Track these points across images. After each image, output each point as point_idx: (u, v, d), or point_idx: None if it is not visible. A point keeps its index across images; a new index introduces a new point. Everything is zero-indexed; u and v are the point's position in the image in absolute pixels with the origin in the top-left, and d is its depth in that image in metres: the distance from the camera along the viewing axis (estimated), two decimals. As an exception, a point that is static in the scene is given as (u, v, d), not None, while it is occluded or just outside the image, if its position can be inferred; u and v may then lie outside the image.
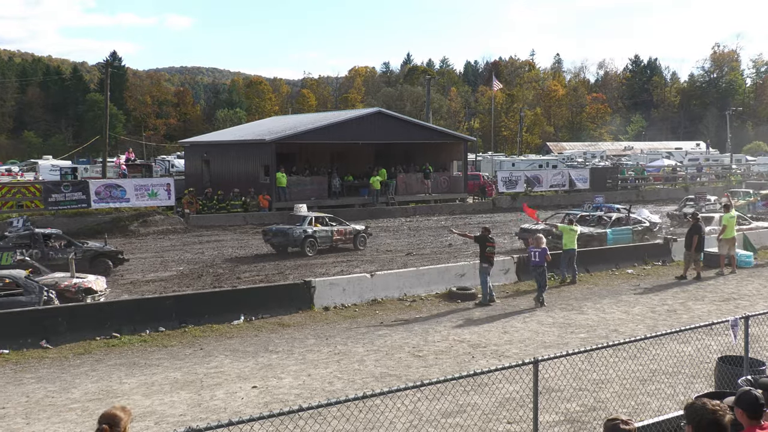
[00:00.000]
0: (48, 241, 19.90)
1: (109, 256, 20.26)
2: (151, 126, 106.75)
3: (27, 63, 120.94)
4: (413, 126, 40.64)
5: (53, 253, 19.57)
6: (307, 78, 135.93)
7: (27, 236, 19.90)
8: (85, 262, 19.52)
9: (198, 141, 46.02)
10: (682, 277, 18.51)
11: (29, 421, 8.95)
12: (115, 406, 4.53)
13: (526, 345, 12.35)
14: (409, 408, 8.36)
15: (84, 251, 19.84)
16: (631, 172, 51.37)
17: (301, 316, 14.59)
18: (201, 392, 9.99)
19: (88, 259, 19.76)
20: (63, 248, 19.75)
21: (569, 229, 18.48)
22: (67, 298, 14.51)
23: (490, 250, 16.02)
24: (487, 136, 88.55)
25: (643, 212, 27.35)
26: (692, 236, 18.57)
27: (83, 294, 14.97)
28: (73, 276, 15.64)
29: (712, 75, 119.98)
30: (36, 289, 13.59)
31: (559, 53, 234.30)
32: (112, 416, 4.38)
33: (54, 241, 20.04)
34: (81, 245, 20.19)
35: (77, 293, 14.92)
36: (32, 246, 19.49)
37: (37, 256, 19.02)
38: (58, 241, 20.17)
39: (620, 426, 4.05)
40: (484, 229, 16.76)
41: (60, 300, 14.22)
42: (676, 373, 9.93)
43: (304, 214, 24.97)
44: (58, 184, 30.58)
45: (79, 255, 19.37)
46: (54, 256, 19.40)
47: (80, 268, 18.83)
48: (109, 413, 4.42)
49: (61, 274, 16.05)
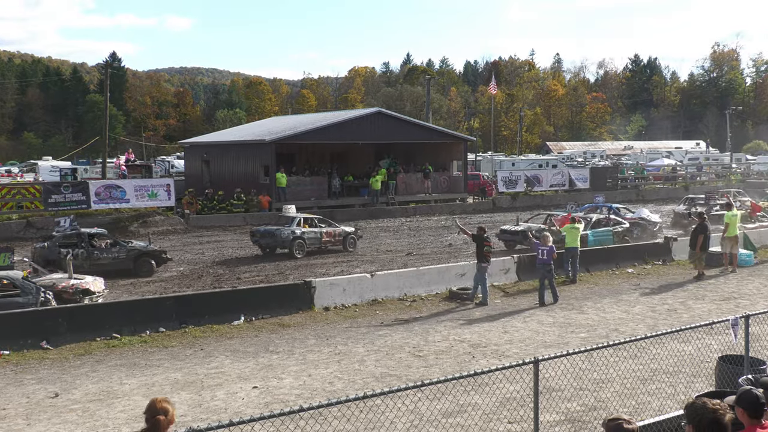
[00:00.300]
0: (93, 240, 20.14)
1: (152, 255, 20.35)
2: (151, 127, 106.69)
3: (27, 64, 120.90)
4: (413, 126, 40.63)
5: (98, 252, 19.82)
6: (307, 78, 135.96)
7: (73, 236, 20.28)
8: (128, 262, 19.90)
9: (198, 141, 46.01)
10: (699, 276, 18.42)
11: (30, 422, 8.95)
12: (159, 398, 4.69)
13: (527, 345, 12.35)
14: (410, 408, 8.36)
15: (128, 251, 20.02)
16: (630, 171, 51.37)
17: (302, 317, 14.59)
18: (201, 393, 9.99)
19: (132, 259, 19.97)
20: (108, 248, 20.00)
21: (572, 227, 18.53)
22: (65, 299, 14.51)
23: (488, 250, 16.07)
24: (486, 136, 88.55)
25: (643, 211, 27.35)
26: (698, 235, 18.52)
27: (81, 295, 14.97)
28: (71, 277, 15.62)
29: (711, 74, 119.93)
30: (33, 290, 13.57)
31: (558, 53, 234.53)
32: (164, 408, 4.56)
33: (99, 241, 20.28)
34: (125, 245, 20.34)
35: (75, 294, 14.92)
36: (78, 245, 19.76)
37: (83, 256, 19.40)
38: (103, 240, 20.40)
39: (623, 426, 4.03)
40: (479, 229, 16.81)
41: (58, 301, 14.22)
42: (676, 372, 9.93)
43: (293, 215, 24.59)
44: (58, 185, 30.56)
45: (122, 255, 19.82)
46: (98, 256, 19.73)
47: (123, 267, 19.68)
48: (159, 405, 4.58)
49: (59, 275, 16.05)
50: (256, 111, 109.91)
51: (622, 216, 26.84)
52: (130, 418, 9.00)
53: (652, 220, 26.26)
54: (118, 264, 19.91)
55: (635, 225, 26.00)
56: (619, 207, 28.13)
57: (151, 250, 20.48)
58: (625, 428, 4.02)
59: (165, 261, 20.66)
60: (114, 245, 20.11)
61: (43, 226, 27.97)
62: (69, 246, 19.65)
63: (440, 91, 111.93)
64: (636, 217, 26.53)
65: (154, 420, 4.53)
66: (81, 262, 19.38)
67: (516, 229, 23.82)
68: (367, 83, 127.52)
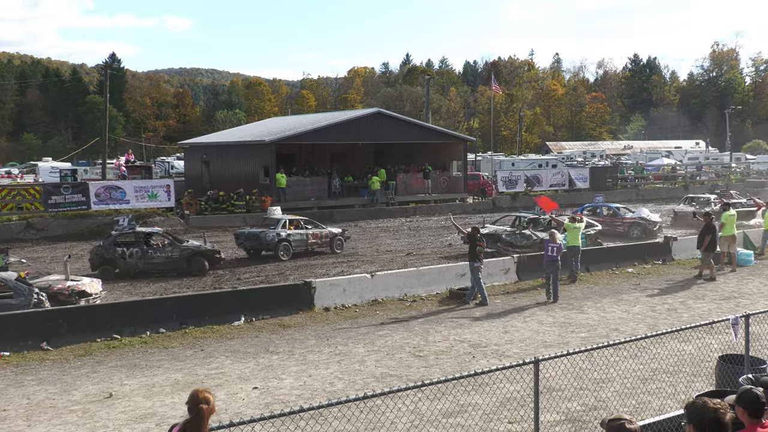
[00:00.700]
0: (150, 239, 20.28)
1: (206, 255, 20.39)
2: (151, 127, 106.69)
3: (26, 65, 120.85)
4: (413, 126, 40.62)
5: (151, 252, 19.94)
6: (307, 79, 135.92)
7: (130, 235, 20.48)
8: (181, 261, 20.00)
9: (197, 142, 46.01)
10: (701, 275, 18.41)
11: (30, 423, 8.95)
12: (200, 389, 4.88)
13: (527, 344, 12.35)
14: (410, 408, 8.36)
15: (181, 250, 20.09)
16: (630, 171, 51.37)
17: (302, 317, 14.59)
18: (202, 393, 9.98)
19: (185, 258, 20.06)
20: (161, 247, 20.11)
21: (573, 226, 18.59)
22: (60, 301, 14.47)
23: (480, 249, 16.07)
24: (486, 136, 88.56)
25: (642, 211, 27.39)
26: (704, 236, 18.42)
27: (77, 297, 14.90)
28: (68, 278, 15.56)
29: (711, 74, 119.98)
30: (26, 292, 13.53)
31: (558, 53, 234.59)
32: (206, 397, 4.76)
33: (155, 240, 20.38)
34: (180, 244, 20.38)
35: (70, 296, 14.84)
36: (134, 245, 19.95)
37: (137, 255, 19.72)
38: (159, 240, 20.49)
39: (626, 426, 4.00)
40: (473, 229, 16.86)
41: (54, 302, 14.18)
42: (676, 371, 9.93)
43: (278, 217, 24.18)
44: (58, 186, 30.57)
45: (175, 254, 19.91)
46: (152, 255, 19.89)
47: (177, 267, 19.87)
48: (201, 395, 4.77)
49: (55, 277, 15.99)
50: (256, 111, 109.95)
51: (622, 215, 26.90)
52: (131, 419, 9.00)
53: (651, 219, 26.33)
54: (171, 263, 20.04)
55: (635, 225, 26.05)
56: (619, 206, 28.17)
57: (204, 249, 20.49)
58: (627, 428, 4.00)
59: (219, 261, 20.72)
60: (170, 244, 20.19)
61: (43, 227, 28.02)
62: (125, 245, 19.91)
63: (440, 91, 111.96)
64: (636, 216, 26.58)
65: (197, 409, 4.71)
66: (135, 261, 19.80)
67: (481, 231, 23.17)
68: (366, 83, 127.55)
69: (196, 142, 46.77)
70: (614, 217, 26.91)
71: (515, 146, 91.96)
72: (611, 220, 26.85)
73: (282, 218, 23.75)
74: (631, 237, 25.22)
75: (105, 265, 19.83)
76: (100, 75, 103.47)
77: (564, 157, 65.77)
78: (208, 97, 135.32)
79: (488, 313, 14.92)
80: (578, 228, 18.60)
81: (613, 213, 27.22)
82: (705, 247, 18.40)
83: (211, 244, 21.37)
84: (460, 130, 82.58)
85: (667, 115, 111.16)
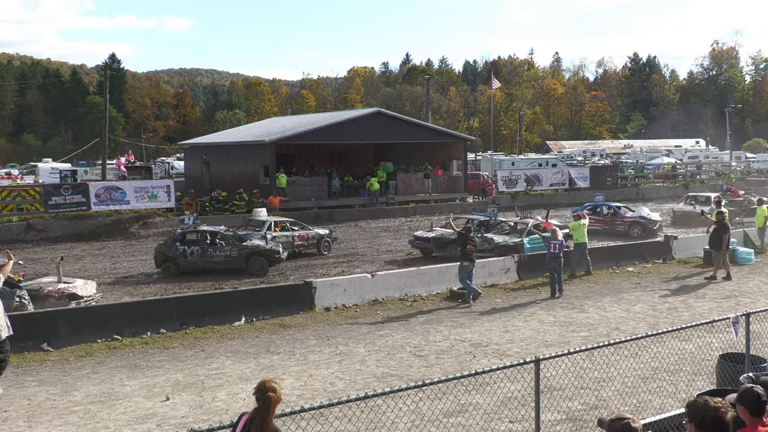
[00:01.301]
0: (213, 238, 20.33)
1: (265, 254, 20.35)
2: (151, 128, 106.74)
3: (26, 66, 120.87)
4: (413, 126, 40.62)
5: (211, 250, 20.02)
6: (306, 79, 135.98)
7: (193, 233, 20.61)
8: (241, 261, 20.01)
9: (197, 143, 46.02)
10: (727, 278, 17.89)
11: (31, 425, 8.95)
12: (266, 379, 5.21)
13: (528, 344, 12.35)
14: (411, 408, 8.36)
15: (240, 249, 20.10)
16: (630, 170, 51.36)
17: (302, 317, 14.59)
18: (203, 394, 9.99)
19: (244, 258, 20.06)
20: (221, 246, 20.15)
21: (579, 224, 18.75)
22: (50, 304, 14.42)
23: (471, 249, 16.06)
24: (486, 136, 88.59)
25: (643, 210, 27.40)
26: (722, 235, 17.99)
27: (67, 299, 14.83)
28: (60, 281, 15.47)
29: (711, 72, 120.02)
30: (7, 294, 13.47)
31: (557, 52, 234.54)
32: (272, 386, 5.03)
33: (218, 239, 20.39)
34: (239, 243, 20.36)
35: (60, 299, 14.76)
36: (196, 243, 20.09)
37: (197, 254, 19.87)
38: (220, 239, 20.44)
39: (631, 424, 3.94)
40: (464, 228, 16.85)
41: (42, 305, 14.14)
42: (677, 370, 9.93)
43: (264, 219, 23.88)
44: (58, 186, 30.57)
45: (234, 253, 19.96)
46: (212, 254, 19.98)
47: (236, 266, 19.90)
48: (268, 384, 5.05)
49: (48, 279, 15.91)
50: (256, 112, 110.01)
51: (622, 215, 26.88)
52: (132, 420, 9.00)
53: (652, 218, 26.34)
54: (230, 262, 20.03)
55: (635, 224, 26.04)
56: (619, 206, 28.18)
57: (264, 249, 20.44)
58: (633, 427, 3.93)
59: (278, 261, 20.67)
60: (229, 244, 20.20)
61: (44, 228, 28.02)
62: (187, 243, 20.04)
63: (439, 90, 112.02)
64: (636, 215, 26.59)
65: (265, 398, 4.95)
66: (196, 259, 19.91)
67: (428, 235, 22.19)
68: (366, 83, 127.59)
69: (196, 142, 46.79)
70: (614, 216, 26.93)
71: (515, 145, 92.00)
72: (612, 219, 26.88)
73: (267, 220, 23.55)
74: (631, 236, 25.22)
75: (167, 263, 20.01)
76: (99, 75, 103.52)
77: (564, 157, 65.77)
78: (207, 97, 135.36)
79: (489, 313, 14.92)
80: (583, 225, 18.85)
81: (613, 212, 27.24)
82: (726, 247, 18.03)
83: (272, 243, 21.22)
84: (460, 130, 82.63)
85: (667, 113, 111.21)
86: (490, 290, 17.04)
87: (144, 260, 22.95)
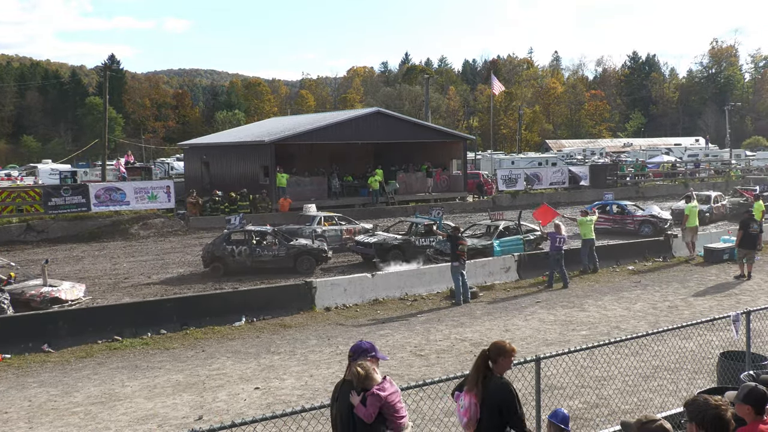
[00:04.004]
0: (261, 238, 20.41)
1: (312, 253, 20.41)
2: (150, 129, 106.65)
3: (25, 67, 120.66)
4: (412, 125, 40.59)
5: (259, 250, 20.09)
6: (306, 79, 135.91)
7: (240, 233, 20.74)
8: (289, 260, 20.06)
9: (197, 143, 45.98)
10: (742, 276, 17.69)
11: (32, 426, 8.95)
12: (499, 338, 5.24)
13: (528, 343, 12.35)
14: (412, 407, 8.34)
15: (288, 248, 20.17)
16: (630, 168, 51.32)
17: (303, 317, 14.60)
18: (203, 394, 9.99)
19: (292, 257, 20.11)
20: (269, 246, 20.22)
21: (586, 219, 18.88)
22: (32, 307, 14.40)
23: (461, 249, 15.98)
24: (486, 135, 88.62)
25: (653, 209, 27.27)
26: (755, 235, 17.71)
27: (49, 304, 14.78)
28: (45, 284, 15.40)
29: (710, 70, 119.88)
30: None
31: (557, 51, 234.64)
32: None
33: (265, 239, 20.46)
34: (287, 242, 20.42)
35: (42, 303, 14.73)
36: (243, 242, 20.19)
37: (245, 253, 19.96)
38: (270, 238, 20.49)
39: (664, 425, 3.89)
40: (454, 229, 16.86)
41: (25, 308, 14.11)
42: (678, 369, 9.93)
43: (313, 214, 24.79)
44: (57, 188, 30.54)
45: (282, 252, 20.03)
46: (260, 253, 20.06)
47: (284, 265, 19.88)
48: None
49: (33, 282, 15.83)
50: (255, 112, 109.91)
51: (632, 213, 26.68)
52: (133, 420, 9.00)
53: (662, 217, 26.13)
54: (278, 262, 20.07)
55: (646, 222, 25.87)
56: (628, 204, 28.02)
57: (311, 248, 20.50)
58: (666, 428, 3.87)
59: (326, 260, 20.72)
60: (276, 243, 20.24)
61: (44, 229, 28.00)
62: (235, 243, 20.12)
63: (439, 90, 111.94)
64: (646, 214, 26.46)
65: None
66: (244, 258, 19.95)
67: (369, 240, 21.44)
68: (365, 83, 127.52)
69: (195, 143, 46.75)
70: (624, 215, 26.69)
71: (515, 144, 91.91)
72: (621, 218, 26.66)
73: (317, 215, 24.28)
74: (641, 235, 24.97)
75: (215, 263, 20.03)
76: (99, 76, 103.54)
77: (564, 155, 65.73)
78: (207, 97, 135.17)
79: (489, 312, 14.92)
80: (591, 221, 19.01)
81: (622, 211, 27.06)
82: (738, 244, 17.95)
83: (319, 242, 21.30)
84: (460, 129, 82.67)
85: (666, 112, 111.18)
86: (490, 290, 17.03)
87: (144, 261, 22.96)
